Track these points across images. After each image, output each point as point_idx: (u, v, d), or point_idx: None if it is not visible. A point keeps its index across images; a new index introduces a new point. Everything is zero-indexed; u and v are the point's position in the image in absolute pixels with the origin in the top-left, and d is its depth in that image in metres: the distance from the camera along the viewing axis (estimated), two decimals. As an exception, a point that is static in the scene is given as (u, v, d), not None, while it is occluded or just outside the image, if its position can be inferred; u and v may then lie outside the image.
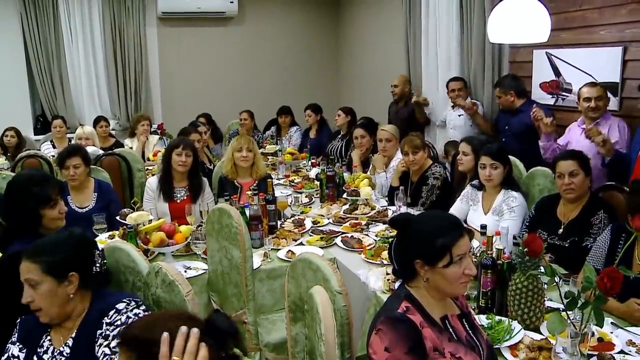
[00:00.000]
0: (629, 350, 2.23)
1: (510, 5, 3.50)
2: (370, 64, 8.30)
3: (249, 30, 8.77)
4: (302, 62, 9.09)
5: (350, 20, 8.91)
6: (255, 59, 8.85)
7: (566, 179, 3.24)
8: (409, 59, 6.81)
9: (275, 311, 3.27)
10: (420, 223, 1.94)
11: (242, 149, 4.28)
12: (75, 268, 2.01)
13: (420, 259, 1.87)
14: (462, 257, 1.87)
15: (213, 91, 8.55)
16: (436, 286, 1.89)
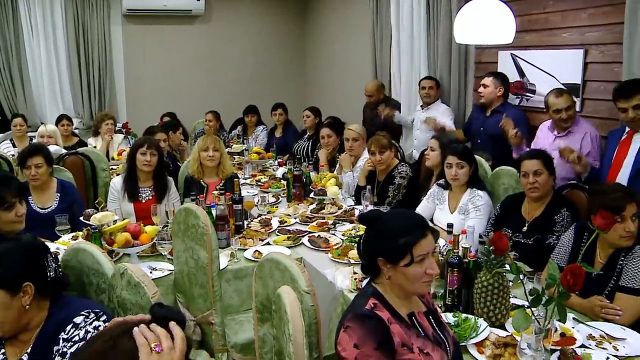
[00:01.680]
0: (589, 344, 2.29)
1: (476, 7, 3.54)
2: (337, 63, 8.31)
3: (216, 29, 8.71)
4: (269, 61, 9.06)
5: (318, 19, 8.91)
6: (222, 57, 8.79)
7: (530, 178, 3.30)
8: (375, 59, 6.85)
9: (242, 312, 3.26)
10: (386, 221, 1.96)
11: (208, 149, 4.25)
12: (29, 277, 1.88)
13: (383, 257, 1.89)
14: (424, 257, 1.88)
15: (179, 90, 8.46)
16: (398, 284, 1.91)
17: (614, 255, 2.67)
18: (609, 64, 4.16)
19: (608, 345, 2.29)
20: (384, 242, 1.89)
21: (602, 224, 2.26)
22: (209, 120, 7.26)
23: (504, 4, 3.57)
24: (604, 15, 4.18)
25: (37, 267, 1.94)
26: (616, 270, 2.63)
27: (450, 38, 5.36)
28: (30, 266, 1.91)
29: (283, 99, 7.24)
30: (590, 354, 2.17)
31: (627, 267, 2.58)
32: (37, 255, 1.97)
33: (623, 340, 2.32)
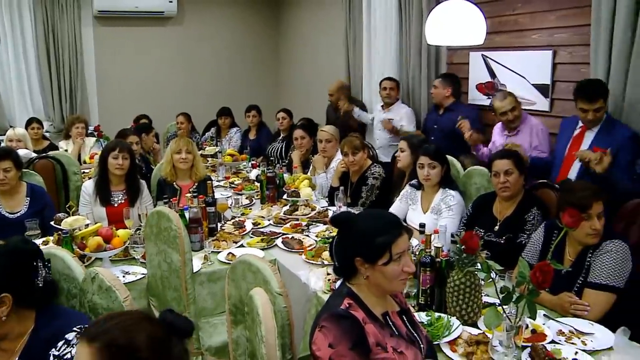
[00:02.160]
0: (559, 339, 2.33)
1: (447, 9, 3.57)
2: (310, 65, 8.33)
3: (189, 31, 8.66)
4: (242, 63, 9.04)
5: (291, 21, 8.92)
6: (195, 59, 8.75)
7: (501, 178, 3.35)
8: (348, 60, 6.88)
9: (216, 314, 3.24)
10: (360, 221, 1.97)
11: (181, 151, 4.22)
12: (8, 287, 1.81)
13: (361, 257, 1.89)
14: (401, 255, 1.90)
15: (152, 92, 8.39)
16: (376, 283, 1.92)
17: (582, 253, 2.72)
18: (576, 64, 4.24)
19: (577, 340, 2.33)
20: (362, 242, 1.90)
21: (570, 221, 2.31)
22: (181, 123, 7.22)
23: (475, 5, 3.61)
24: (571, 17, 4.26)
25: (20, 275, 1.88)
26: (584, 267, 2.68)
27: (421, 39, 5.41)
28: (12, 275, 1.85)
29: (256, 101, 7.22)
30: (560, 349, 2.20)
31: (595, 264, 2.63)
32: (22, 261, 1.92)
33: (591, 335, 2.37)
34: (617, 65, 3.69)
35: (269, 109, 7.43)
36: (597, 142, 3.63)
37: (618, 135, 3.59)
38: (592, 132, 3.73)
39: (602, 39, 3.78)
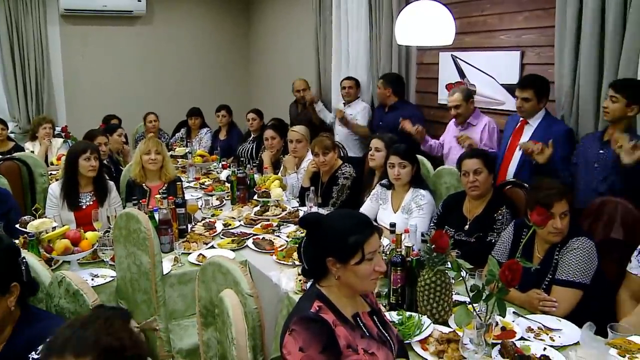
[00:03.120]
0: (528, 336, 2.36)
1: (417, 9, 3.60)
2: (281, 65, 8.31)
3: (158, 30, 8.58)
4: (212, 63, 8.99)
5: (261, 21, 8.89)
6: (165, 59, 8.67)
7: (471, 177, 3.38)
8: (319, 60, 6.89)
9: (187, 316, 3.21)
10: (331, 221, 1.96)
11: (150, 152, 4.18)
12: (15, 277, 1.83)
13: (333, 257, 1.88)
14: (373, 255, 1.90)
15: (121, 92, 8.29)
16: (348, 283, 1.91)
17: (549, 250, 2.76)
18: (543, 65, 4.29)
19: (545, 336, 2.36)
20: (333, 242, 1.89)
21: (538, 220, 2.34)
22: (154, 121, 7.14)
23: (444, 6, 3.64)
24: (538, 18, 4.32)
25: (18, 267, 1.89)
26: (552, 264, 2.72)
27: (391, 39, 5.44)
28: (14, 265, 1.87)
29: (227, 101, 7.18)
30: (529, 346, 2.23)
31: (562, 261, 2.67)
32: (16, 254, 1.91)
33: (559, 330, 2.40)
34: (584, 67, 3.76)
35: (239, 109, 7.39)
36: (536, 136, 3.84)
37: (555, 130, 3.80)
38: (531, 127, 3.95)
39: (566, 40, 3.85)
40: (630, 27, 3.46)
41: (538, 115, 3.94)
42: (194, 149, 6.43)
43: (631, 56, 3.48)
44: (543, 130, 3.87)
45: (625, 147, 3.12)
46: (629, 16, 3.47)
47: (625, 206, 3.22)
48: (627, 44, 3.49)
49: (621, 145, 3.14)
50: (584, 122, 3.80)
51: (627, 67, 3.50)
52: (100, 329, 1.32)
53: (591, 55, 3.70)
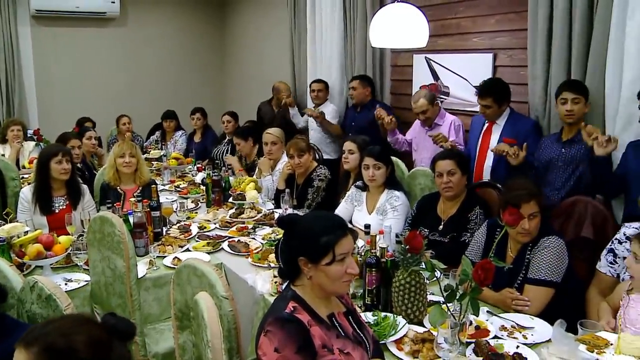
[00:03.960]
0: (501, 334, 2.39)
1: (391, 12, 3.63)
2: (256, 67, 8.30)
3: (132, 32, 8.51)
4: (187, 65, 8.95)
5: (237, 23, 8.87)
6: (139, 61, 8.60)
7: (444, 178, 3.41)
8: (294, 62, 6.90)
9: (162, 320, 3.19)
10: (305, 222, 1.98)
11: (124, 155, 4.14)
12: None
13: (304, 257, 1.89)
14: (345, 256, 1.90)
15: (94, 95, 8.20)
16: (319, 284, 1.92)
17: (522, 250, 2.79)
18: (516, 67, 4.36)
19: (518, 334, 2.39)
20: (306, 242, 1.90)
21: (509, 219, 2.38)
22: (128, 123, 7.07)
23: (418, 9, 3.67)
24: (510, 21, 4.38)
25: None
26: (524, 264, 2.76)
27: (366, 42, 5.47)
28: None
29: (202, 104, 7.16)
30: (503, 344, 2.25)
31: (534, 260, 2.71)
32: None
33: (532, 329, 2.44)
34: (555, 69, 3.82)
35: (214, 111, 7.37)
36: (505, 134, 3.98)
37: (522, 126, 3.96)
38: (499, 126, 4.08)
39: (538, 43, 3.91)
40: (597, 27, 3.53)
41: (504, 115, 4.08)
42: (169, 151, 6.39)
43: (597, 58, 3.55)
44: (511, 128, 4.01)
45: (600, 140, 3.20)
46: (595, 17, 3.54)
47: (595, 206, 3.29)
48: (594, 45, 3.56)
49: (596, 137, 3.23)
50: (556, 123, 3.86)
51: (594, 67, 3.57)
52: (58, 327, 1.33)
53: (562, 57, 3.76)
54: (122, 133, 6.90)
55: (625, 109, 3.39)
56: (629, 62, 3.35)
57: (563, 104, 3.55)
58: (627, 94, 3.36)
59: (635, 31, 3.29)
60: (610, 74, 3.46)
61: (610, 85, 3.47)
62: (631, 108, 3.34)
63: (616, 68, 3.43)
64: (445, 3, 4.95)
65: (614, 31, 3.41)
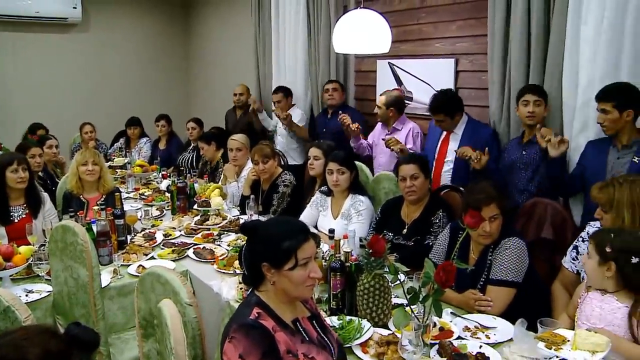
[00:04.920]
0: (465, 335, 2.43)
1: (353, 18, 3.66)
2: (221, 73, 8.27)
3: (95, 38, 8.40)
4: (151, 71, 8.87)
5: (201, 29, 8.83)
6: (102, 68, 8.49)
7: (408, 182, 3.45)
8: (258, 68, 6.91)
9: (127, 329, 3.16)
10: (267, 228, 1.99)
11: (87, 163, 4.08)
12: None
13: (267, 262, 1.90)
14: (308, 261, 1.92)
15: (56, 102, 8.06)
16: (282, 289, 1.93)
17: (484, 251, 2.84)
18: (476, 72, 4.44)
19: (481, 334, 2.44)
20: (268, 247, 1.91)
21: (470, 222, 2.42)
22: (90, 132, 6.97)
23: (380, 15, 3.71)
24: (470, 27, 4.46)
25: None
26: (487, 265, 2.81)
27: (330, 47, 5.50)
28: None
29: (167, 110, 7.11)
30: (466, 345, 2.29)
31: (495, 261, 2.76)
32: None
33: (494, 328, 2.49)
34: (514, 73, 3.90)
35: (179, 118, 7.32)
36: (463, 143, 4.04)
37: (480, 135, 4.06)
38: (457, 135, 4.17)
39: (497, 48, 3.99)
40: (554, 33, 3.62)
41: (461, 124, 4.18)
42: (133, 159, 6.33)
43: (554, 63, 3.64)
44: (469, 136, 4.09)
45: (553, 141, 3.32)
46: (552, 23, 3.64)
47: (554, 207, 3.37)
48: (552, 50, 3.66)
49: (549, 139, 3.34)
50: (515, 127, 3.95)
51: (552, 72, 3.67)
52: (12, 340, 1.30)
53: (520, 62, 3.84)
54: (86, 142, 6.80)
55: (582, 112, 3.49)
56: (584, 67, 3.45)
57: (525, 106, 3.64)
58: (583, 97, 3.46)
59: (590, 36, 3.39)
60: (567, 78, 3.56)
61: (567, 89, 3.56)
62: (587, 111, 3.45)
63: (572, 72, 3.52)
64: (407, 9, 5.01)
65: (569, 36, 3.51)
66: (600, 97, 3.19)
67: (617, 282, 2.28)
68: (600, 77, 3.34)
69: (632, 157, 3.13)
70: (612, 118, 3.14)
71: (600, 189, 2.61)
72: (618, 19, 3.26)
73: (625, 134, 3.19)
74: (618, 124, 3.16)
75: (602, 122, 3.21)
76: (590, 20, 3.37)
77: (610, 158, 3.25)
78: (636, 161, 3.10)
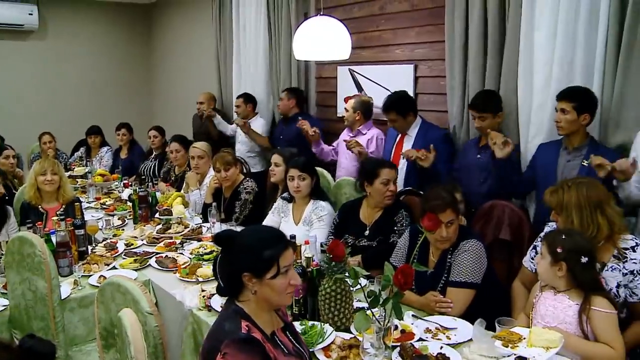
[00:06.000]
0: (426, 337, 2.47)
1: (313, 25, 3.69)
2: (183, 81, 8.24)
3: (53, 46, 8.29)
4: (112, 80, 8.79)
5: (162, 37, 8.79)
6: (61, 76, 8.38)
7: (391, 186, 3.49)
8: (220, 76, 6.91)
9: (89, 341, 3.10)
10: (245, 237, 1.97)
11: (46, 172, 4.02)
12: None
13: (249, 272, 1.88)
14: (288, 268, 1.91)
15: (13, 111, 7.94)
16: (264, 298, 1.91)
17: (443, 254, 2.89)
18: (435, 77, 4.51)
19: (442, 335, 2.48)
20: (249, 257, 1.89)
21: (428, 225, 2.47)
22: (49, 142, 6.85)
23: (340, 22, 3.74)
24: (429, 34, 4.53)
25: None
26: (446, 267, 2.85)
27: (290, 54, 5.53)
28: None
29: (128, 118, 7.02)
30: (427, 346, 2.32)
31: (454, 263, 2.81)
32: None
33: (454, 329, 2.53)
34: (472, 79, 3.98)
35: (141, 126, 7.23)
36: (417, 145, 4.15)
37: (432, 136, 4.14)
38: (411, 137, 4.28)
39: (455, 54, 4.07)
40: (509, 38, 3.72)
41: (414, 126, 4.28)
42: (94, 168, 6.24)
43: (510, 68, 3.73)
44: (422, 138, 4.19)
45: (498, 143, 3.44)
46: (507, 28, 3.73)
47: (512, 209, 3.44)
48: (507, 55, 3.75)
49: (495, 142, 3.45)
50: (475, 132, 4.01)
51: (507, 77, 3.76)
52: None
53: (477, 67, 3.93)
54: (45, 152, 6.69)
55: (537, 115, 3.59)
56: (537, 71, 3.55)
57: (473, 119, 3.80)
58: (537, 101, 3.56)
59: (543, 41, 3.48)
60: (522, 83, 3.64)
61: (522, 93, 3.65)
62: (542, 115, 3.54)
63: (527, 77, 3.62)
64: (367, 16, 5.07)
65: (523, 42, 3.60)
66: (562, 97, 3.25)
67: (568, 281, 2.35)
68: (554, 81, 3.45)
69: (582, 161, 3.22)
70: (570, 119, 3.20)
71: (551, 193, 2.68)
72: (570, 24, 3.36)
73: (577, 138, 3.27)
74: (573, 126, 3.22)
75: (559, 122, 3.27)
76: (544, 27, 3.47)
77: (561, 161, 3.34)
78: (585, 164, 3.17)
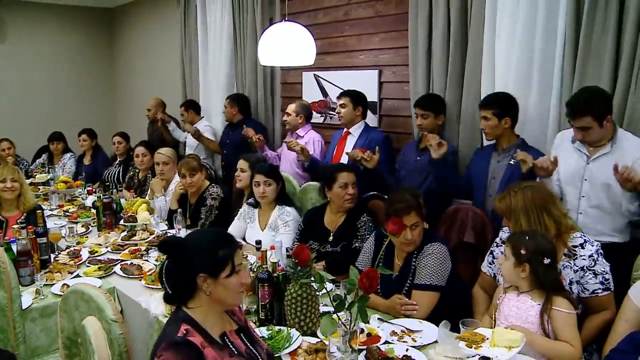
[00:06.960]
0: (392, 339, 2.49)
1: (278, 31, 3.70)
2: (147, 86, 8.17)
3: (11, 50, 8.16)
4: (74, 85, 8.68)
5: (126, 41, 8.71)
6: (21, 81, 8.24)
7: (350, 189, 3.52)
8: (185, 81, 6.87)
9: (52, 351, 3.06)
10: (195, 240, 1.98)
11: (5, 180, 3.93)
12: None
13: (204, 272, 1.89)
14: (240, 268, 1.95)
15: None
16: (218, 298, 1.93)
17: (408, 257, 2.92)
18: (399, 83, 4.56)
19: (408, 338, 2.50)
20: (204, 258, 1.90)
21: (393, 229, 2.49)
22: (8, 149, 6.71)
23: (304, 27, 3.76)
24: (393, 39, 4.58)
25: None
26: (411, 270, 2.88)
27: (256, 60, 5.52)
28: None
29: (92, 124, 6.93)
30: (393, 349, 2.35)
31: (419, 266, 2.85)
32: None
33: (420, 332, 2.56)
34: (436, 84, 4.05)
35: (105, 132, 7.16)
36: (358, 144, 4.31)
37: (373, 137, 4.32)
38: (354, 137, 4.44)
39: (419, 60, 4.13)
40: (471, 45, 3.79)
41: (359, 126, 4.44)
42: (57, 175, 6.14)
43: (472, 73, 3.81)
44: (363, 139, 4.36)
45: (433, 145, 3.57)
46: (469, 36, 3.79)
47: (475, 212, 3.50)
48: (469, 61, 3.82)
49: (431, 144, 3.58)
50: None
51: (470, 82, 3.83)
52: None
53: (440, 73, 3.99)
54: (3, 158, 6.54)
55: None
56: (499, 77, 3.62)
57: (416, 117, 3.95)
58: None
59: (503, 49, 3.56)
60: (484, 87, 3.73)
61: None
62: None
63: (489, 82, 3.69)
64: (331, 22, 5.10)
65: (485, 49, 3.68)
66: (482, 106, 3.50)
67: (530, 282, 2.40)
68: (514, 86, 3.54)
69: (509, 160, 3.40)
70: (492, 125, 3.45)
71: (499, 199, 2.75)
72: (529, 31, 3.45)
73: (504, 139, 3.51)
74: (497, 130, 3.47)
75: (484, 129, 3.51)
76: (504, 34, 3.56)
77: (492, 162, 3.54)
78: (512, 163, 3.36)
